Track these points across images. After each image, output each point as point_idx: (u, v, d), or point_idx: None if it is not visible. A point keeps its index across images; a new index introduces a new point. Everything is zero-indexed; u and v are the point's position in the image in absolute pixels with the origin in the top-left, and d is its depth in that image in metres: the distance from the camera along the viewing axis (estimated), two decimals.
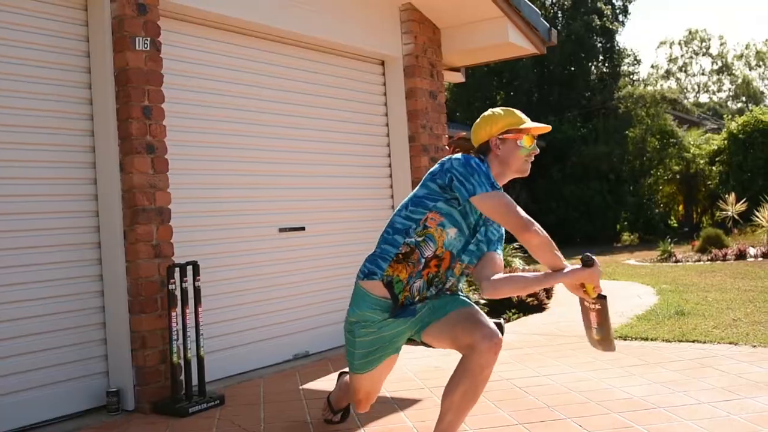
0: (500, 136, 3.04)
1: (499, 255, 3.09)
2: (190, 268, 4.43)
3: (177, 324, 4.30)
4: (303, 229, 5.75)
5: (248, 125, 5.38)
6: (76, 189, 4.34)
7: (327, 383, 4.72)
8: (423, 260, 2.98)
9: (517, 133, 3.04)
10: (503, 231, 3.14)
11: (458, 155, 2.97)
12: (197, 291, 4.43)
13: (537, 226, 2.82)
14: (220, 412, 4.17)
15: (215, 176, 5.10)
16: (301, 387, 4.68)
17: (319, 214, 5.93)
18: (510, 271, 7.70)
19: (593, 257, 2.83)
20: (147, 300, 4.29)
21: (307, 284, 5.76)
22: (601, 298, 2.84)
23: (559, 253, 2.84)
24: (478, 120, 3.13)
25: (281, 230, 5.58)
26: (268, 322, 5.40)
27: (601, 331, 2.92)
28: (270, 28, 5.43)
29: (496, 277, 2.94)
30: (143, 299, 4.28)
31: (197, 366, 4.39)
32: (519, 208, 2.84)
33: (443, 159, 3.01)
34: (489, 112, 3.12)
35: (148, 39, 4.42)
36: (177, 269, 4.37)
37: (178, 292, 4.35)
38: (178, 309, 4.34)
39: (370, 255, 3.13)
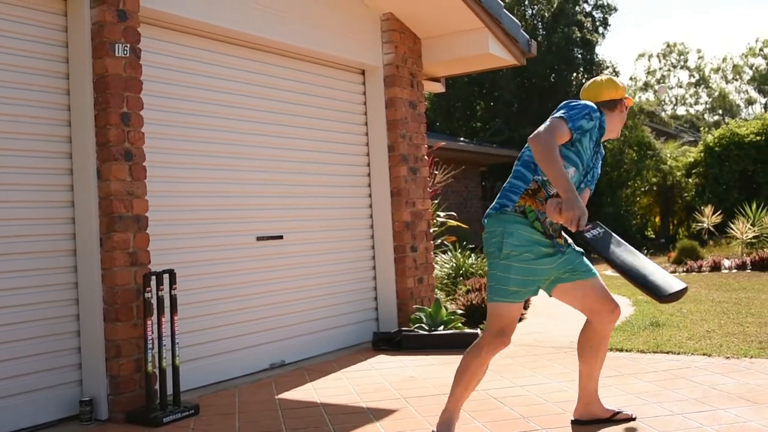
0: (620, 99, 3.63)
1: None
2: (166, 276, 4.41)
3: (152, 333, 4.28)
4: (281, 237, 5.75)
5: (227, 133, 5.37)
6: (52, 196, 4.31)
7: (303, 393, 4.72)
8: (548, 198, 3.37)
9: (627, 100, 3.66)
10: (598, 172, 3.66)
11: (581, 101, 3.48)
12: (173, 299, 4.41)
13: (550, 145, 3.21)
14: (194, 422, 4.15)
15: (193, 184, 5.09)
16: (277, 397, 4.66)
17: (297, 223, 5.93)
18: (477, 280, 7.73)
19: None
20: (122, 308, 4.26)
21: (285, 293, 5.75)
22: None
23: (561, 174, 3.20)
24: (599, 80, 3.66)
25: (259, 239, 5.56)
26: (244, 331, 5.38)
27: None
28: (251, 36, 5.43)
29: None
30: (119, 307, 4.25)
31: (172, 375, 4.36)
32: (557, 132, 3.28)
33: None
34: (607, 77, 3.66)
35: (128, 45, 4.40)
36: (153, 277, 4.35)
37: (154, 301, 4.32)
38: (154, 318, 4.31)
39: (500, 192, 3.49)
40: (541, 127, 3.32)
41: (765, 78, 49.08)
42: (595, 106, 3.46)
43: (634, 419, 3.73)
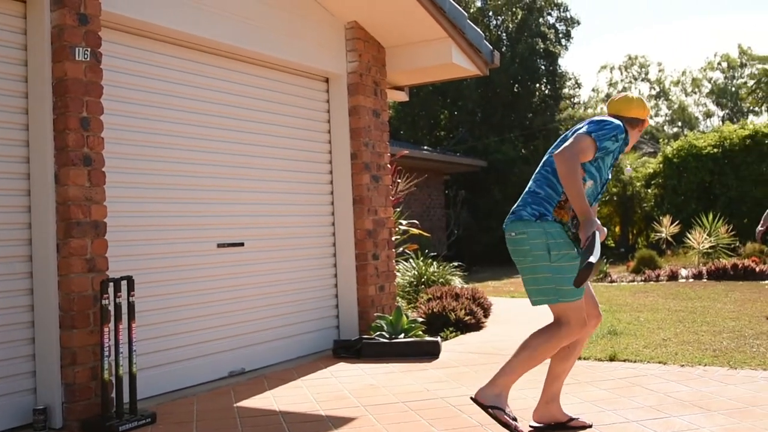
0: (644, 119, 3.86)
1: None
2: (124, 283, 4.36)
3: (109, 340, 4.23)
4: (242, 245, 5.72)
5: (189, 140, 5.34)
6: (8, 200, 4.24)
7: (262, 401, 4.70)
8: (572, 209, 3.56)
9: (647, 122, 3.89)
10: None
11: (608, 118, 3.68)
12: (131, 306, 4.36)
13: (574, 169, 3.41)
14: (151, 430, 4.11)
15: (153, 190, 5.04)
16: (235, 405, 4.63)
17: (258, 230, 5.91)
18: (450, 290, 7.78)
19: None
20: (79, 315, 4.21)
21: (245, 301, 5.73)
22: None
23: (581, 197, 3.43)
24: (631, 98, 3.84)
25: (220, 246, 5.53)
26: (204, 338, 5.35)
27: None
28: (215, 42, 5.41)
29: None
30: (75, 314, 4.19)
31: (129, 383, 4.31)
32: (583, 152, 3.48)
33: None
34: (638, 97, 3.86)
35: (89, 49, 4.36)
36: (111, 284, 4.30)
37: (111, 308, 4.28)
38: (111, 324, 4.27)
39: (530, 197, 3.65)
40: (568, 144, 3.48)
41: (723, 92, 50.13)
42: (622, 126, 3.64)
43: (590, 426, 3.78)
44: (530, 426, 3.85)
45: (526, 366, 3.68)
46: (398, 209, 8.74)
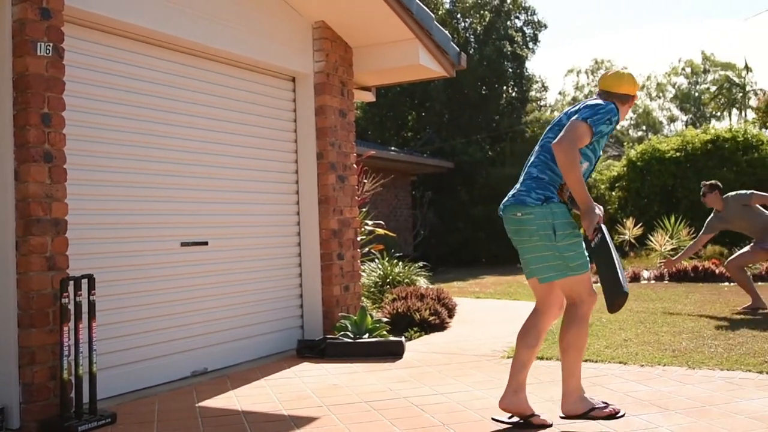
0: (634, 95, 3.96)
1: None
2: (85, 281, 4.31)
3: (69, 339, 4.17)
4: (206, 243, 5.69)
5: (153, 137, 5.29)
6: None
7: (224, 401, 4.67)
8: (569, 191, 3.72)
9: (635, 97, 3.98)
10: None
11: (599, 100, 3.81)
12: (92, 305, 4.31)
13: (574, 158, 3.55)
14: (110, 431, 4.06)
15: (116, 188, 4.99)
16: (197, 404, 4.60)
17: (223, 229, 5.87)
18: (415, 290, 7.80)
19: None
20: (38, 314, 4.14)
21: (209, 300, 5.69)
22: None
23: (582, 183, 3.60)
24: (623, 73, 3.97)
25: (183, 244, 5.49)
26: (166, 338, 5.30)
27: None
28: (180, 39, 5.37)
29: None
30: (34, 313, 4.13)
31: (89, 383, 4.26)
32: (580, 140, 3.61)
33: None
34: (629, 72, 3.97)
35: (51, 44, 4.30)
36: (71, 282, 4.25)
37: (71, 306, 4.22)
38: (71, 324, 4.21)
39: (534, 182, 3.76)
40: (566, 134, 3.60)
41: (686, 97, 50.91)
42: (615, 109, 3.77)
43: (550, 425, 3.82)
44: (492, 418, 3.90)
45: (578, 361, 3.84)
46: (364, 209, 8.75)
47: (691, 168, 17.15)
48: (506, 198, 3.91)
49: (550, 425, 3.82)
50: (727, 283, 10.88)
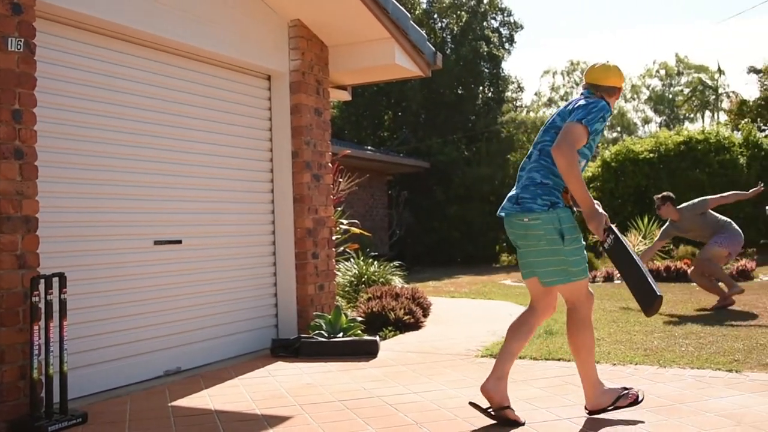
0: (620, 87, 4.04)
1: None
2: (56, 279, 4.27)
3: (39, 338, 4.12)
4: (179, 242, 5.65)
5: (126, 134, 5.24)
6: None
7: (197, 400, 4.65)
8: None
9: (621, 89, 4.05)
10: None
11: (592, 98, 3.86)
12: (63, 304, 4.27)
13: (574, 161, 3.62)
14: (81, 431, 4.03)
15: (88, 186, 4.94)
16: (170, 404, 4.57)
17: (197, 228, 5.84)
18: (390, 289, 7.81)
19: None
20: (8, 313, 4.09)
21: (182, 299, 5.66)
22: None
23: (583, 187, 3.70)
24: (609, 65, 4.02)
25: (157, 243, 5.46)
26: (138, 337, 5.26)
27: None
28: (153, 36, 5.33)
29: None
30: (3, 312, 4.07)
31: (60, 382, 4.22)
32: (578, 142, 3.68)
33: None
34: (614, 64, 4.02)
35: (22, 40, 4.24)
36: (42, 281, 4.20)
37: (42, 305, 4.17)
38: (42, 322, 4.16)
39: (539, 188, 3.78)
40: (564, 138, 3.66)
41: (660, 98, 51.42)
42: (606, 105, 3.84)
43: (523, 424, 3.84)
44: (470, 403, 3.95)
45: (591, 359, 3.93)
46: (339, 209, 8.74)
47: (664, 169, 17.33)
48: (507, 202, 3.93)
49: (523, 423, 3.84)
50: None
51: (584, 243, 3.86)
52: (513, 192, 3.94)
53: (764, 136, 21.07)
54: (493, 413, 3.84)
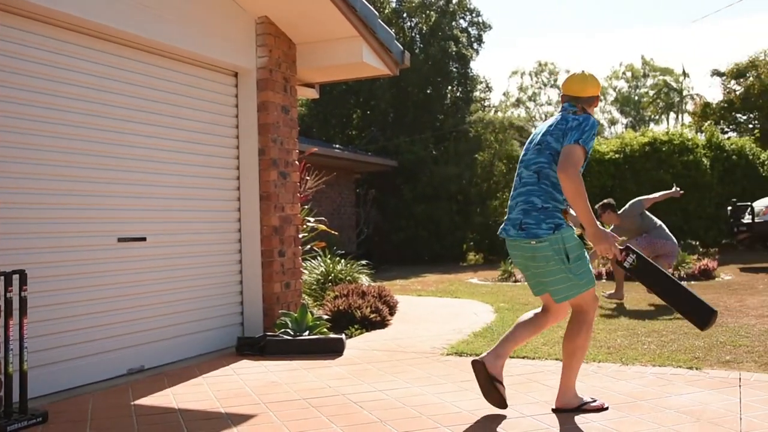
0: (598, 95, 4.14)
1: None
2: (16, 277, 4.19)
3: None
4: (144, 239, 5.59)
5: (89, 130, 5.17)
6: None
7: (161, 399, 4.60)
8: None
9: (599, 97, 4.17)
10: None
11: (581, 115, 3.92)
12: (23, 301, 4.20)
13: (581, 186, 3.73)
14: (42, 430, 3.97)
15: (49, 181, 4.87)
16: (132, 403, 4.53)
17: (162, 225, 5.79)
18: (356, 287, 7.80)
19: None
20: None
21: (146, 296, 5.60)
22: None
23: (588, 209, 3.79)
24: (586, 75, 4.08)
25: (120, 240, 5.39)
26: (101, 335, 5.20)
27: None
28: (117, 30, 5.26)
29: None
30: None
31: (20, 381, 4.15)
32: (580, 163, 3.78)
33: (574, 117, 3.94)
34: (590, 73, 4.09)
35: None
36: (2, 278, 4.13)
37: (1, 303, 4.10)
38: (1, 320, 4.10)
39: (541, 213, 3.89)
40: (568, 161, 3.75)
41: (626, 100, 52.04)
42: (595, 121, 3.93)
43: (505, 407, 4.01)
44: (472, 362, 4.10)
45: (579, 364, 4.04)
46: (307, 206, 8.72)
47: (629, 169, 17.53)
48: (510, 228, 4.03)
49: (505, 407, 4.02)
50: None
51: (586, 256, 3.98)
52: (514, 216, 4.02)
53: (727, 138, 21.44)
54: (487, 379, 4.01)
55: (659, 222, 9.08)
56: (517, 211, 3.99)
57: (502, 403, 4.01)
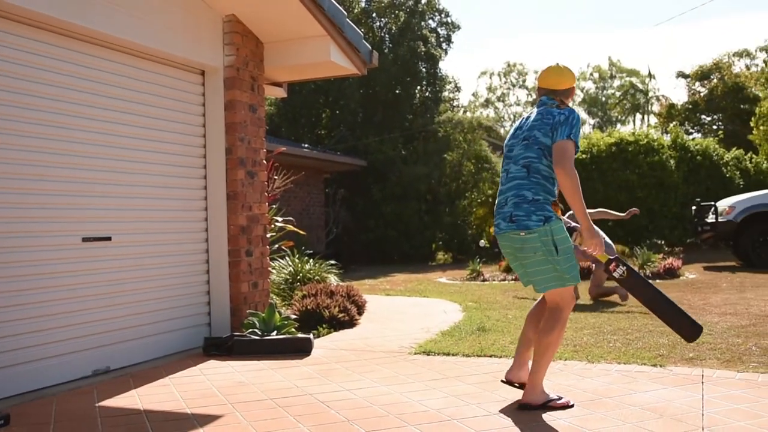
0: (574, 86, 4.24)
1: None
2: None
3: None
4: (109, 239, 5.53)
5: (52, 128, 5.09)
6: None
7: (126, 400, 4.56)
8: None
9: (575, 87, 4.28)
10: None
11: (565, 109, 4.03)
12: None
13: (577, 181, 3.87)
14: None
15: (10, 180, 4.78)
16: (97, 404, 4.47)
17: (127, 225, 5.72)
18: (325, 287, 7.79)
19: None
20: None
21: (112, 297, 5.54)
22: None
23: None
24: (562, 68, 4.18)
25: (85, 240, 5.33)
26: (66, 336, 5.13)
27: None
28: (81, 27, 5.17)
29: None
30: None
31: None
32: (572, 157, 3.91)
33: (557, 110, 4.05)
34: (564, 65, 4.18)
35: None
36: None
37: None
38: None
39: (532, 205, 3.97)
40: (564, 157, 3.88)
41: (594, 101, 52.57)
42: (577, 114, 4.04)
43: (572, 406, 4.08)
44: (502, 380, 4.51)
45: (549, 360, 4.09)
46: (275, 206, 8.68)
47: (596, 169, 17.71)
48: (501, 221, 4.11)
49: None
50: None
51: (573, 251, 4.05)
52: (506, 210, 4.09)
53: (691, 138, 21.75)
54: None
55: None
56: (509, 205, 4.07)
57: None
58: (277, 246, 8.34)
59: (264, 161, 7.00)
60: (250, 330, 6.13)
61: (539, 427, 3.73)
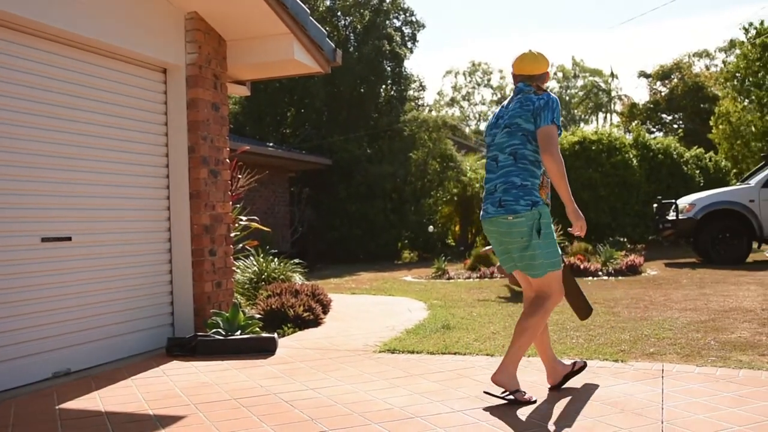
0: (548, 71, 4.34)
1: None
2: None
3: None
4: (69, 239, 5.45)
5: (9, 126, 4.99)
6: None
7: (87, 402, 4.50)
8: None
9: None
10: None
11: (543, 94, 4.09)
12: None
13: (563, 165, 3.99)
14: None
15: None
16: (57, 407, 4.41)
17: (88, 224, 5.64)
18: (290, 286, 7.76)
19: None
20: None
21: (72, 297, 5.46)
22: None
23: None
24: (536, 54, 4.28)
25: (44, 240, 5.24)
26: (25, 338, 5.04)
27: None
28: (39, 24, 5.08)
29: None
30: None
31: None
32: (558, 142, 4.03)
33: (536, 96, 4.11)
34: (538, 51, 4.29)
35: None
36: None
37: None
38: None
39: (520, 190, 4.03)
40: (550, 142, 3.97)
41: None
42: (556, 98, 4.12)
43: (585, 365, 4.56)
44: (549, 388, 4.43)
45: (528, 344, 4.13)
46: (239, 205, 8.62)
47: None
48: (490, 206, 4.16)
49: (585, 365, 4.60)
50: (591, 278, 11.42)
51: (555, 237, 4.16)
52: (495, 195, 4.14)
53: (653, 137, 22.06)
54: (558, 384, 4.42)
55: None
56: (499, 191, 4.13)
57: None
58: (241, 245, 8.29)
59: (227, 160, 6.95)
60: (214, 330, 6.09)
61: (502, 422, 3.75)
